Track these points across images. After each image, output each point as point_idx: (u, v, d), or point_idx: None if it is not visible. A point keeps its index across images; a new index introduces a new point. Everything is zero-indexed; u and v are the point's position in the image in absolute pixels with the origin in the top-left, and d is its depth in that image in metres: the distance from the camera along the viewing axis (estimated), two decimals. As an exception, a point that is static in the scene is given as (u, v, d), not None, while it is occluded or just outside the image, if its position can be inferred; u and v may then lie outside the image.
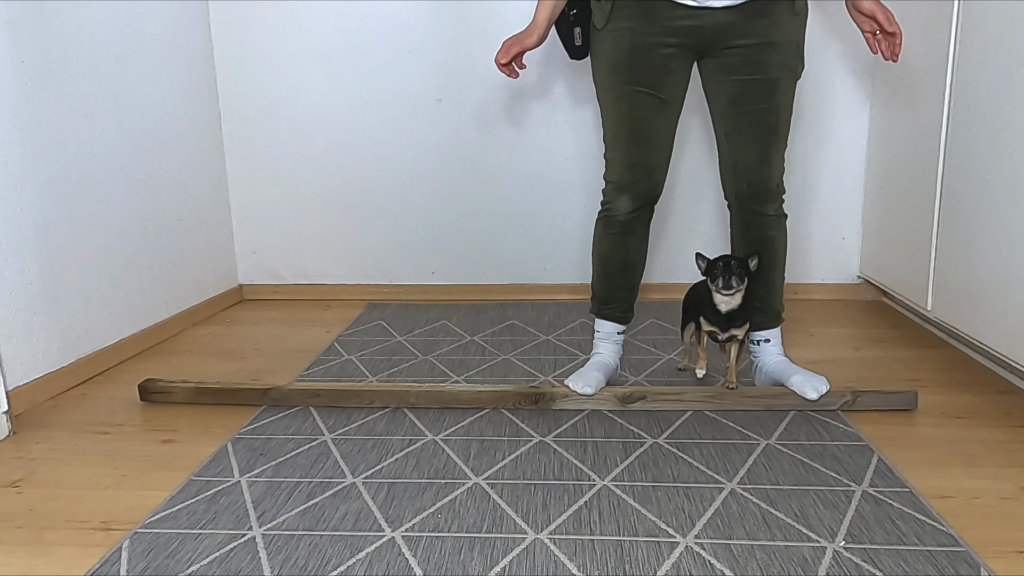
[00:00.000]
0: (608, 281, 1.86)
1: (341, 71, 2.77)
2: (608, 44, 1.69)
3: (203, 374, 2.10)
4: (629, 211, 1.78)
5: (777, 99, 1.69)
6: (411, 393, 1.82)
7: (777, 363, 1.85)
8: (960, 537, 1.23)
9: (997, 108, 1.78)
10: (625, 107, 1.71)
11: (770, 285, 1.83)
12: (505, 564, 1.18)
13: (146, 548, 1.24)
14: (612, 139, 1.76)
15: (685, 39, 1.65)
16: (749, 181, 1.75)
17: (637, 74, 1.68)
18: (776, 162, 1.74)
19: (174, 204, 2.53)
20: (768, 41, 1.65)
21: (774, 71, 1.67)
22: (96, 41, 2.14)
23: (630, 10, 1.65)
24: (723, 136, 1.76)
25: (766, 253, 1.80)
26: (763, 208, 1.77)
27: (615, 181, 1.78)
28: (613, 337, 1.91)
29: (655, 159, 1.75)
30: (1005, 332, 1.75)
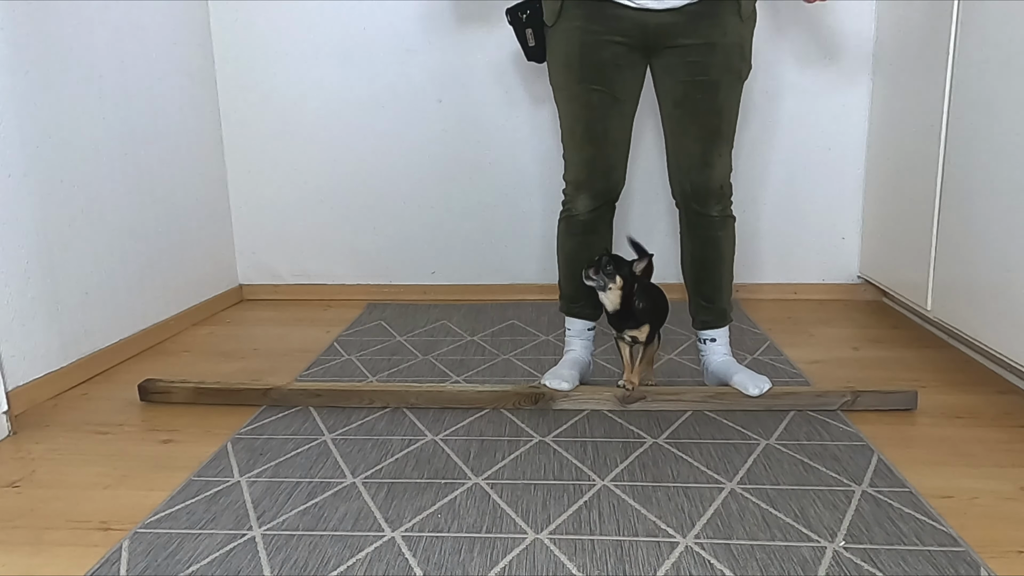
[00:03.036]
0: (574, 280, 1.87)
1: (341, 71, 2.77)
2: (559, 43, 1.71)
3: (203, 374, 2.10)
4: (589, 210, 1.80)
5: (719, 101, 1.70)
6: (411, 393, 1.82)
7: (722, 363, 1.86)
8: (960, 537, 1.23)
9: (997, 107, 1.78)
10: (579, 106, 1.73)
11: (716, 285, 1.84)
12: (505, 564, 1.18)
13: (146, 548, 1.24)
14: (569, 138, 1.78)
15: (632, 38, 1.67)
16: (692, 181, 1.76)
17: (589, 72, 1.69)
18: (719, 163, 1.75)
19: (174, 204, 2.53)
20: (710, 43, 1.66)
21: (716, 73, 1.68)
22: (96, 41, 2.14)
23: (579, 9, 1.67)
24: (668, 136, 1.78)
25: (711, 253, 1.82)
26: (706, 209, 1.78)
27: (574, 180, 1.80)
28: (584, 334, 1.93)
29: (612, 157, 1.76)
30: (1005, 332, 1.75)
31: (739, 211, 2.75)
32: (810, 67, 2.66)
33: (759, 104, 2.69)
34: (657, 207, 2.79)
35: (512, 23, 1.76)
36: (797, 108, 2.69)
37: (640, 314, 1.75)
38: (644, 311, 1.76)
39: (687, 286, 1.89)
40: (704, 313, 1.87)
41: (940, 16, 2.04)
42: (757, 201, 2.76)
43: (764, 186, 2.75)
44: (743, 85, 1.74)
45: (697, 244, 1.83)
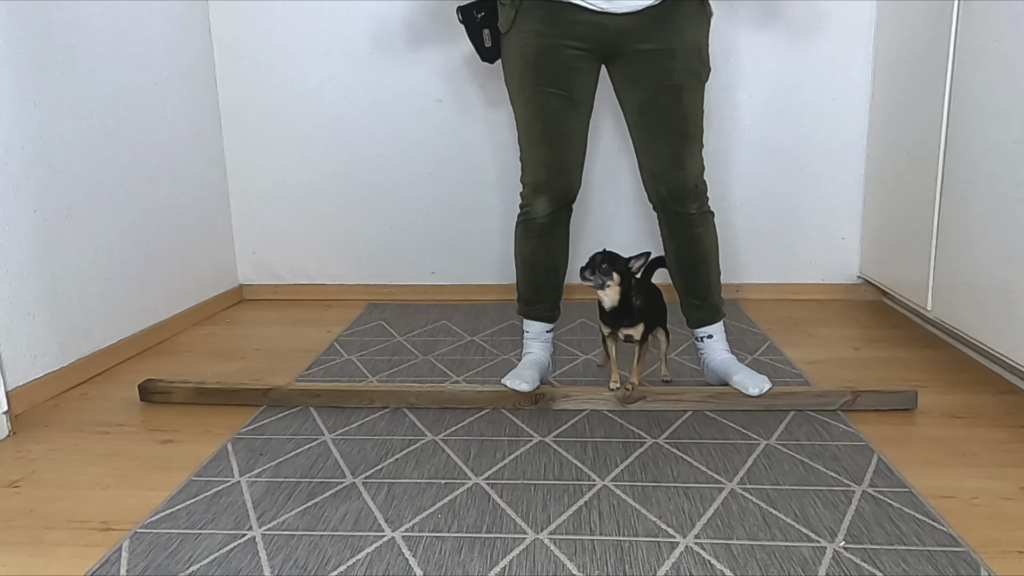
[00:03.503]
0: (532, 283, 1.89)
1: (341, 71, 2.77)
2: (515, 47, 1.72)
3: (203, 374, 2.10)
4: (547, 212, 1.80)
5: (684, 104, 1.72)
6: (411, 393, 1.82)
7: (723, 360, 1.86)
8: (960, 537, 1.23)
9: (997, 108, 1.78)
10: (535, 109, 1.73)
11: (705, 282, 1.85)
12: (505, 564, 1.18)
13: (146, 548, 1.24)
14: (526, 141, 1.78)
15: (589, 42, 1.68)
16: (666, 185, 1.77)
17: (545, 75, 1.70)
18: (690, 164, 1.76)
19: (174, 204, 2.53)
20: (670, 47, 1.67)
21: (678, 77, 1.69)
22: (96, 41, 2.14)
23: (535, 12, 1.67)
24: (637, 143, 1.79)
25: (695, 251, 1.83)
26: (684, 208, 1.79)
27: (532, 183, 1.80)
28: (542, 336, 1.93)
29: (568, 160, 1.77)
30: (1005, 332, 1.75)
31: (739, 211, 2.77)
32: (810, 67, 2.66)
33: (759, 104, 2.69)
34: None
35: (464, 22, 1.76)
36: (797, 108, 2.69)
37: (637, 312, 1.75)
38: (641, 309, 1.76)
39: (676, 287, 1.89)
40: (697, 311, 1.88)
41: (940, 16, 2.04)
42: (757, 201, 2.76)
43: (764, 186, 2.75)
44: (704, 86, 1.76)
45: (680, 244, 1.84)
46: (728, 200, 2.77)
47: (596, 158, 2.75)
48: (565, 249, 1.88)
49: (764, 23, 2.64)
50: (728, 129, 2.71)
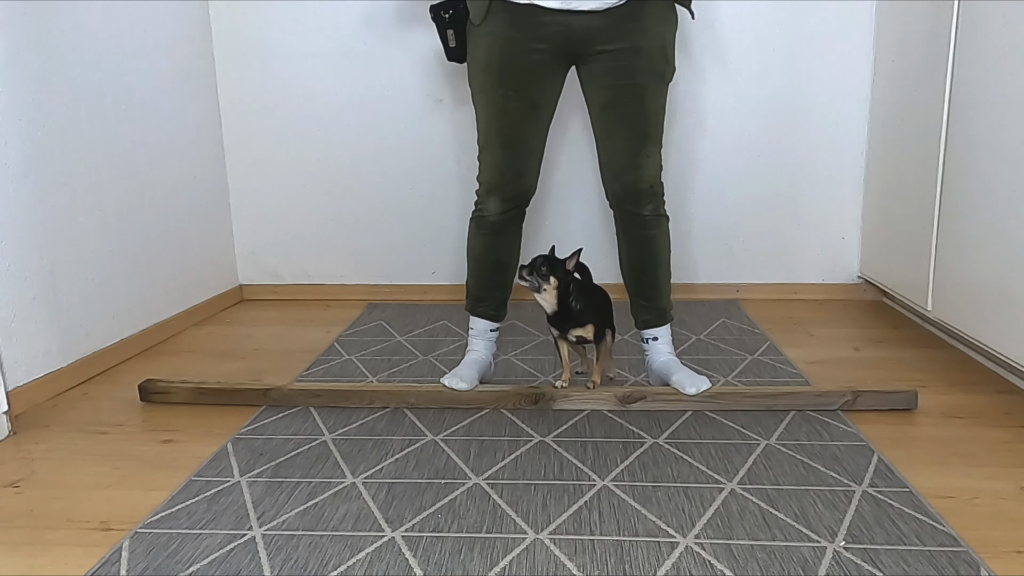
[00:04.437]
0: (481, 280, 1.90)
1: (341, 71, 2.77)
2: (481, 47, 1.73)
3: (203, 374, 2.10)
4: (499, 212, 1.82)
5: (646, 103, 1.72)
6: (411, 393, 1.82)
7: (664, 361, 1.87)
8: (960, 537, 1.23)
9: (997, 108, 1.78)
10: (495, 109, 1.74)
11: (654, 284, 1.86)
12: (505, 564, 1.18)
13: (146, 548, 1.24)
14: (484, 141, 1.79)
15: (555, 43, 1.69)
16: (623, 183, 1.78)
17: (508, 77, 1.71)
18: (648, 164, 1.77)
19: (174, 204, 2.53)
20: (635, 46, 1.68)
21: (641, 76, 1.70)
22: (96, 41, 2.14)
23: (503, 14, 1.68)
24: (598, 140, 1.80)
25: (646, 253, 1.84)
26: (639, 209, 1.80)
27: (486, 183, 1.82)
28: (486, 334, 1.95)
29: (524, 163, 1.78)
30: (1005, 332, 1.75)
31: (739, 211, 2.77)
32: (809, 67, 2.66)
33: (759, 104, 2.69)
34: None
35: (435, 21, 1.78)
36: (797, 108, 2.69)
37: (579, 314, 1.76)
38: (583, 311, 1.76)
39: (627, 287, 1.90)
40: (644, 313, 1.89)
41: (940, 16, 2.04)
42: (757, 201, 2.76)
43: (765, 186, 2.75)
44: (667, 86, 1.76)
45: (632, 244, 1.85)
46: (728, 200, 2.77)
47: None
48: (515, 249, 1.90)
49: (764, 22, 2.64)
50: (728, 129, 2.71)
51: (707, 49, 2.66)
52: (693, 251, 2.82)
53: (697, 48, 2.66)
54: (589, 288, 1.83)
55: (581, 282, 1.80)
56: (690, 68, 2.68)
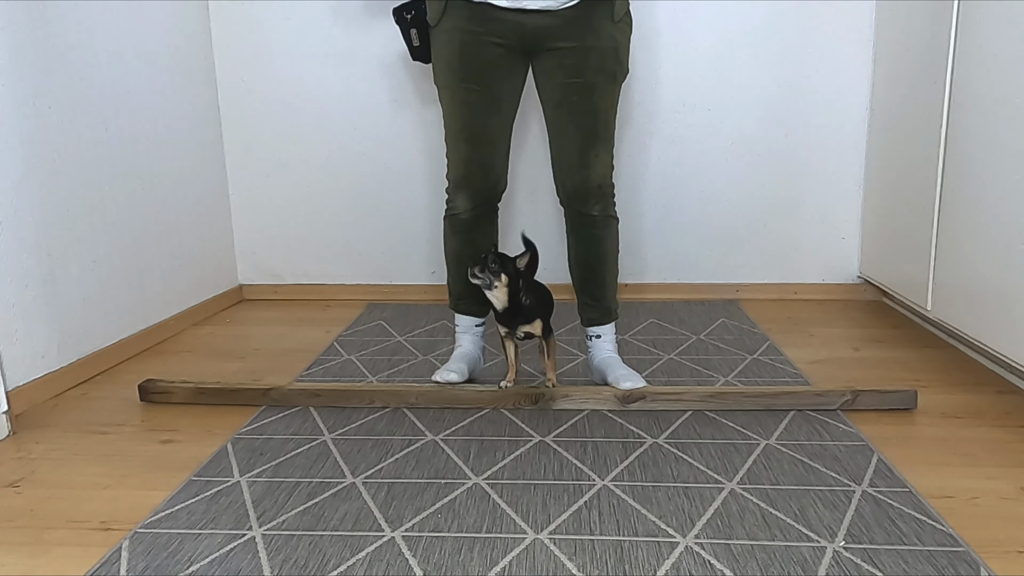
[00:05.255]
0: (460, 277, 1.90)
1: (341, 71, 2.77)
2: (441, 43, 1.75)
3: (203, 374, 2.10)
4: (469, 209, 1.83)
5: (594, 102, 1.74)
6: (411, 393, 1.82)
7: (604, 359, 1.89)
8: (960, 537, 1.23)
9: (997, 108, 1.78)
10: (459, 105, 1.76)
11: (601, 283, 1.88)
12: (505, 564, 1.18)
13: (146, 548, 1.24)
14: (450, 137, 1.81)
15: (510, 40, 1.71)
16: (572, 181, 1.80)
17: (469, 72, 1.72)
18: (596, 164, 1.78)
19: (174, 204, 2.53)
20: (585, 46, 1.70)
21: (591, 75, 1.72)
22: (96, 41, 2.14)
23: (461, 11, 1.70)
24: (550, 138, 1.82)
25: (594, 252, 1.86)
26: (587, 208, 1.81)
27: (454, 179, 1.83)
28: (472, 330, 1.97)
29: (490, 157, 1.79)
30: (1005, 332, 1.75)
31: (740, 211, 2.78)
32: (810, 67, 2.66)
33: (759, 104, 2.69)
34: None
35: (398, 23, 1.80)
36: (797, 108, 2.69)
37: (529, 310, 1.76)
38: (532, 307, 1.77)
39: (573, 285, 1.92)
40: (590, 311, 1.91)
41: (940, 16, 2.04)
42: (757, 201, 2.76)
43: (765, 186, 2.75)
44: (619, 87, 1.78)
45: (580, 243, 1.86)
46: (728, 200, 2.77)
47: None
48: (492, 245, 1.90)
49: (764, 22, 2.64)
50: (728, 129, 2.72)
51: (707, 49, 2.66)
52: (693, 251, 2.82)
53: (697, 48, 2.66)
54: (535, 285, 1.84)
55: (529, 279, 1.80)
56: (690, 68, 2.68)
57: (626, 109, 2.72)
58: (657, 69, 2.69)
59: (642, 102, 2.71)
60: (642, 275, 2.85)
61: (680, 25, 2.65)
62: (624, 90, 2.68)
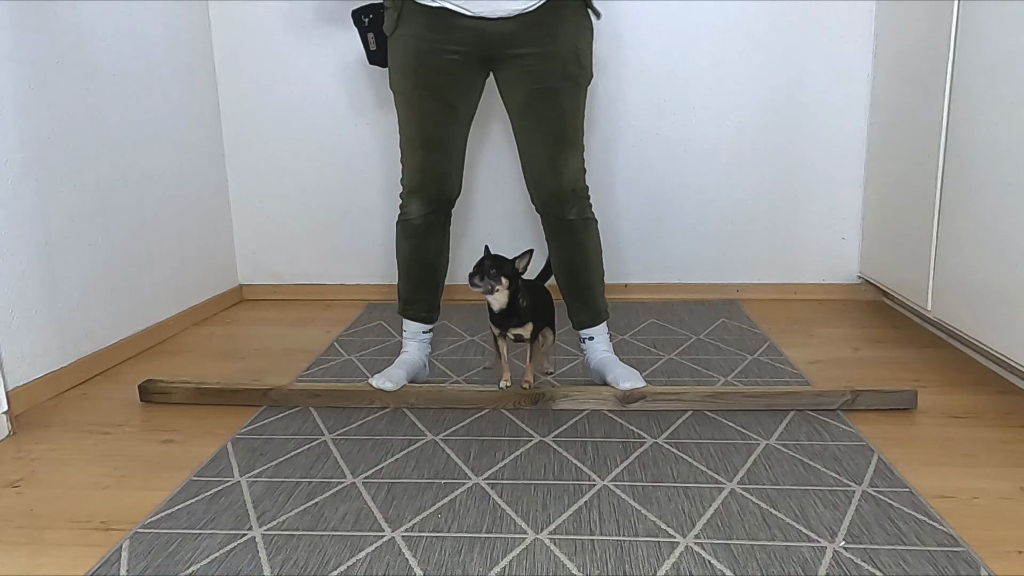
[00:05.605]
0: (411, 283, 1.90)
1: (341, 71, 2.77)
2: (397, 50, 1.74)
3: (203, 374, 2.10)
4: (423, 214, 1.83)
5: (560, 108, 1.74)
6: (411, 393, 1.82)
7: (601, 359, 1.89)
8: (960, 537, 1.23)
9: (997, 108, 1.78)
10: (413, 111, 1.76)
11: (587, 286, 1.88)
12: (505, 564, 1.18)
13: (146, 548, 1.24)
14: (405, 143, 1.80)
15: (469, 47, 1.70)
16: (545, 188, 1.80)
17: (425, 79, 1.72)
18: (567, 169, 1.78)
19: (174, 204, 2.53)
20: (546, 51, 1.70)
21: (554, 80, 1.71)
22: (96, 41, 2.14)
23: (418, 18, 1.70)
24: (519, 146, 1.82)
25: (576, 256, 1.86)
26: (563, 213, 1.81)
27: (408, 185, 1.83)
28: (419, 336, 1.96)
29: (445, 164, 1.79)
30: (1005, 332, 1.75)
31: (740, 211, 2.77)
32: (809, 67, 2.66)
33: (759, 104, 2.69)
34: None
35: (356, 26, 1.80)
36: (797, 108, 2.69)
37: (524, 312, 1.77)
38: (527, 309, 1.77)
39: (560, 289, 1.91)
40: (579, 314, 1.91)
41: (940, 16, 2.04)
42: (757, 201, 2.76)
43: (764, 186, 2.75)
44: (584, 91, 1.77)
45: (562, 249, 1.86)
46: (728, 200, 2.77)
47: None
48: (443, 250, 1.91)
49: (764, 23, 2.64)
50: (728, 129, 2.72)
51: (707, 48, 2.66)
52: (693, 251, 2.82)
53: (697, 48, 2.67)
54: (535, 287, 1.85)
55: (528, 281, 1.80)
56: (690, 68, 2.68)
57: (626, 109, 2.72)
58: (657, 69, 2.69)
59: (642, 102, 2.71)
60: (642, 275, 2.85)
61: (680, 25, 2.65)
62: (624, 90, 2.70)
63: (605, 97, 2.72)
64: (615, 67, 2.69)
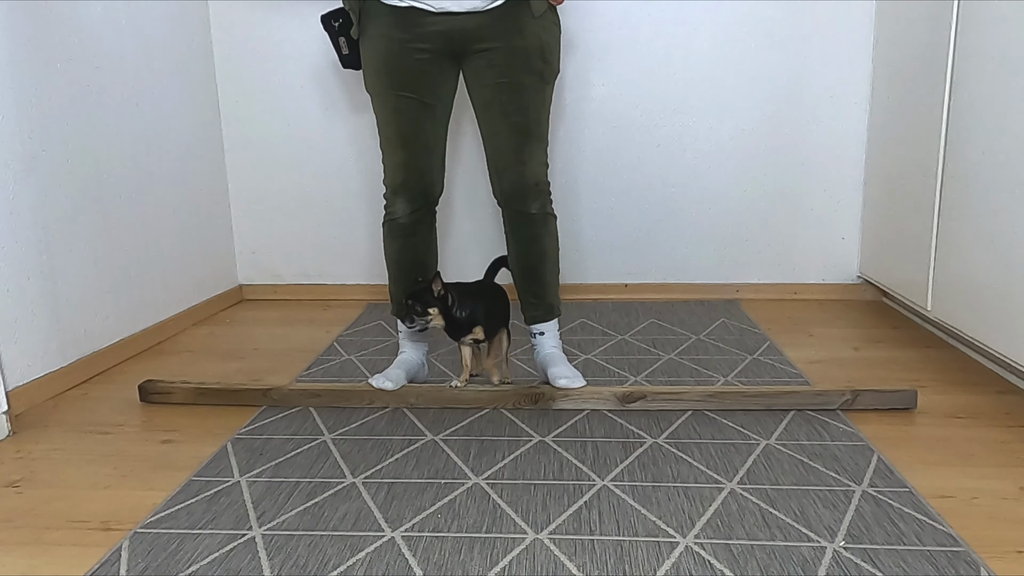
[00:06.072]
0: (401, 283, 1.91)
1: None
2: (368, 52, 1.76)
3: (203, 374, 2.10)
4: (408, 213, 1.83)
5: (524, 102, 1.75)
6: (411, 393, 1.82)
7: (547, 355, 1.91)
8: (960, 537, 1.23)
9: (997, 108, 1.78)
10: (390, 112, 1.77)
11: (542, 281, 1.89)
12: (505, 564, 1.18)
13: (146, 548, 1.24)
14: (385, 143, 1.81)
15: (437, 44, 1.72)
16: (508, 181, 1.81)
17: (397, 79, 1.73)
18: (531, 162, 1.79)
19: (174, 204, 2.53)
20: (511, 46, 1.71)
21: (518, 75, 1.73)
22: (96, 41, 2.14)
23: (386, 18, 1.71)
24: (484, 140, 1.83)
25: (534, 251, 1.86)
26: (524, 207, 1.82)
27: (391, 185, 1.84)
28: (414, 335, 1.97)
29: (425, 161, 1.80)
30: (1005, 332, 1.75)
31: (740, 211, 2.77)
32: (809, 67, 2.66)
33: (759, 104, 2.69)
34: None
35: (326, 31, 1.81)
36: (797, 108, 2.69)
37: (467, 321, 1.77)
38: (470, 316, 1.77)
39: (515, 284, 1.92)
40: (532, 309, 1.92)
41: (940, 16, 2.04)
42: (757, 201, 2.76)
43: (764, 186, 2.75)
44: (550, 86, 1.78)
45: (520, 242, 1.87)
46: (728, 200, 2.77)
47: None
48: (431, 249, 1.91)
49: (764, 23, 2.64)
50: (728, 129, 2.72)
51: (707, 48, 2.66)
52: (693, 251, 2.82)
53: (697, 48, 2.67)
54: (481, 289, 1.85)
55: (465, 288, 1.81)
56: (690, 67, 2.68)
57: (626, 109, 2.72)
58: (658, 69, 2.69)
59: (641, 102, 2.71)
60: (642, 275, 2.85)
61: (680, 25, 2.65)
62: (624, 90, 2.70)
63: (605, 97, 2.72)
64: (615, 67, 2.69)
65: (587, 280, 2.86)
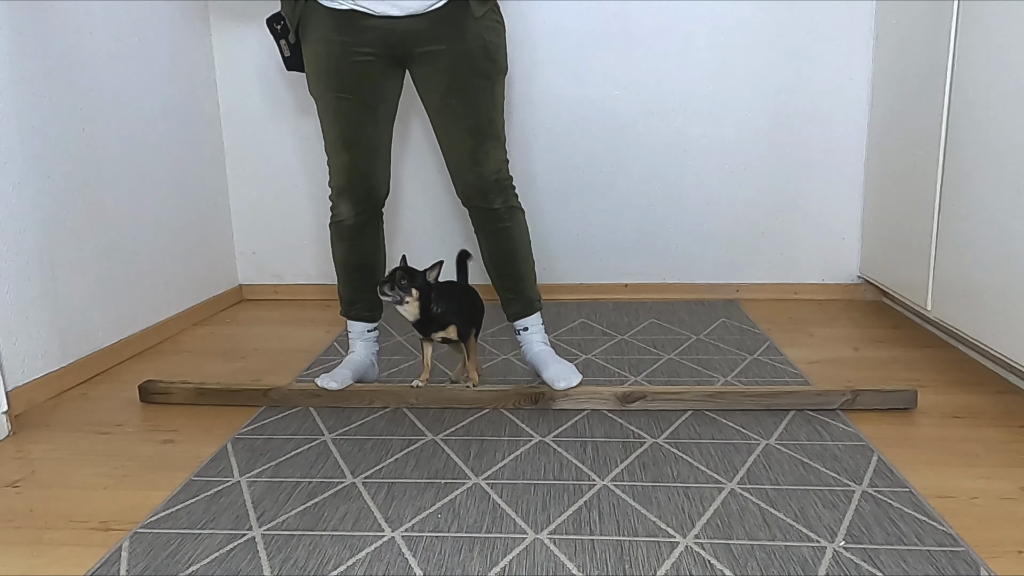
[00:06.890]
0: (350, 284, 1.92)
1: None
2: (310, 55, 1.76)
3: (203, 374, 2.10)
4: (353, 215, 1.84)
5: (475, 103, 1.75)
6: (411, 393, 1.82)
7: (538, 353, 1.90)
8: (960, 537, 1.23)
9: (997, 108, 1.78)
10: (332, 114, 1.77)
11: (517, 275, 1.89)
12: (505, 564, 1.18)
13: (146, 548, 1.24)
14: (329, 146, 1.81)
15: (379, 47, 1.71)
16: (467, 180, 1.81)
17: (338, 81, 1.73)
18: (488, 161, 1.79)
19: (174, 204, 2.53)
20: (454, 48, 1.71)
21: (464, 77, 1.73)
22: (96, 41, 2.14)
23: (325, 21, 1.70)
24: (439, 142, 1.83)
25: (504, 245, 1.86)
26: (487, 203, 1.82)
27: (335, 187, 1.84)
28: (364, 335, 1.97)
29: (369, 163, 1.80)
30: (1005, 332, 1.75)
31: (740, 211, 2.77)
32: (809, 67, 2.66)
33: (759, 103, 2.69)
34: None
35: (271, 33, 1.80)
36: (797, 108, 2.69)
37: (441, 318, 1.77)
38: (445, 314, 1.77)
39: (492, 282, 1.92)
40: (512, 305, 1.92)
41: (940, 16, 2.04)
42: (757, 201, 2.76)
43: (764, 186, 2.75)
44: (499, 84, 1.78)
45: (489, 239, 1.87)
46: (728, 200, 2.77)
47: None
48: (378, 249, 1.92)
49: (765, 25, 2.64)
50: (728, 129, 2.72)
51: (707, 49, 2.66)
52: (693, 251, 2.82)
53: (697, 48, 2.67)
54: (456, 289, 1.85)
55: (442, 286, 1.80)
56: (690, 68, 2.68)
57: (626, 110, 2.72)
58: (658, 70, 2.69)
59: (641, 102, 2.71)
60: (642, 275, 2.85)
61: (680, 25, 2.65)
62: (624, 90, 2.70)
63: (605, 97, 2.72)
64: (615, 67, 2.69)
65: (587, 280, 2.86)
